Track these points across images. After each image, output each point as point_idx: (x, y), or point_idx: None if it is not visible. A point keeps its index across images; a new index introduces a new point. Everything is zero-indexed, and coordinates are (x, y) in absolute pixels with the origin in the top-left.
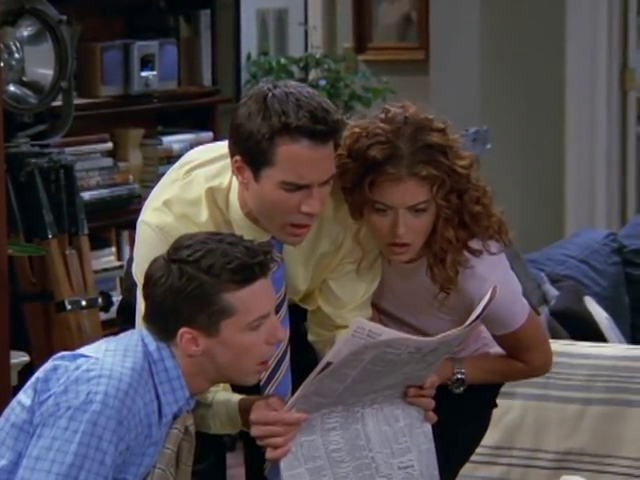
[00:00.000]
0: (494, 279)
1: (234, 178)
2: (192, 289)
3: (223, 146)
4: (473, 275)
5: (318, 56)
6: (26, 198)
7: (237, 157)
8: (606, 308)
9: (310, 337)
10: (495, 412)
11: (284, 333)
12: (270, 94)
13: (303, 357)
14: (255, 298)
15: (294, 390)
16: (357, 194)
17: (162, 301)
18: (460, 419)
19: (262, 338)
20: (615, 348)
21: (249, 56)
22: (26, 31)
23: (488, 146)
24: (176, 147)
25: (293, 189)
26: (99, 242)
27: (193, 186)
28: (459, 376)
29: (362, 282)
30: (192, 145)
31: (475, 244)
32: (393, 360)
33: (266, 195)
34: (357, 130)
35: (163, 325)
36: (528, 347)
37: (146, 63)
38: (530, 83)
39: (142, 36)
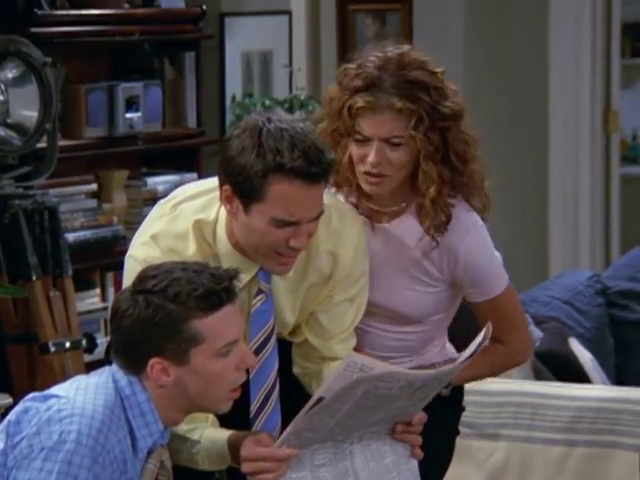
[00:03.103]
0: (476, 234)
1: (221, 211)
2: (160, 319)
3: (208, 182)
4: (455, 227)
5: (303, 97)
6: (10, 240)
7: (227, 187)
8: (590, 349)
9: (295, 370)
10: (480, 453)
11: (254, 359)
12: (265, 129)
13: (292, 390)
14: (223, 324)
15: (283, 423)
16: (340, 125)
17: (130, 333)
18: (425, 448)
19: (232, 364)
20: (600, 389)
21: (234, 98)
22: (11, 73)
23: None
24: (161, 188)
25: (282, 225)
26: (83, 284)
27: (180, 220)
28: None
29: (350, 312)
30: (177, 186)
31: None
32: (385, 395)
33: (254, 228)
34: (347, 65)
35: (132, 357)
36: (507, 323)
37: (131, 105)
38: (513, 122)
39: (127, 78)
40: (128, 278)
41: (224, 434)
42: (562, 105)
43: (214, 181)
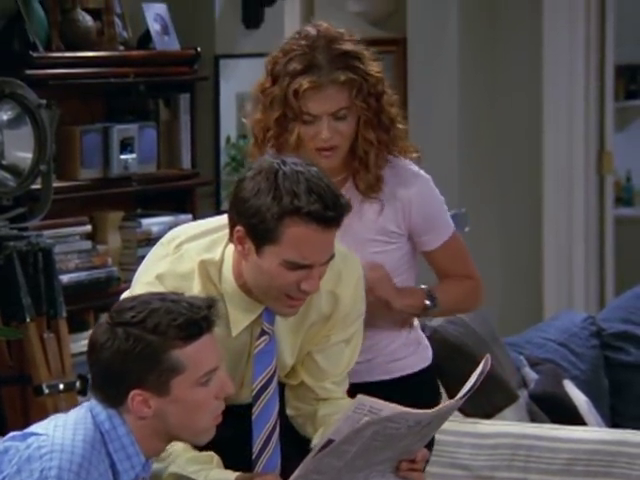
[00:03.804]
0: (423, 181)
1: (227, 251)
2: (140, 350)
3: (209, 222)
4: (403, 178)
5: None
6: (4, 281)
7: (239, 228)
8: (585, 391)
9: (289, 411)
10: None
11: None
12: (281, 171)
13: (293, 431)
14: (203, 353)
15: (283, 464)
16: (287, 110)
17: (110, 365)
18: None
19: (212, 393)
20: (595, 432)
21: (228, 139)
22: (6, 115)
23: (467, 229)
24: (155, 230)
25: (295, 268)
26: (77, 325)
27: (184, 260)
28: (428, 302)
29: (346, 353)
30: (171, 227)
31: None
32: (393, 434)
33: (266, 270)
34: (274, 54)
35: (112, 390)
36: (466, 259)
37: (125, 146)
38: (508, 166)
39: (121, 119)
40: None
41: (230, 476)
42: (556, 146)
43: (215, 221)
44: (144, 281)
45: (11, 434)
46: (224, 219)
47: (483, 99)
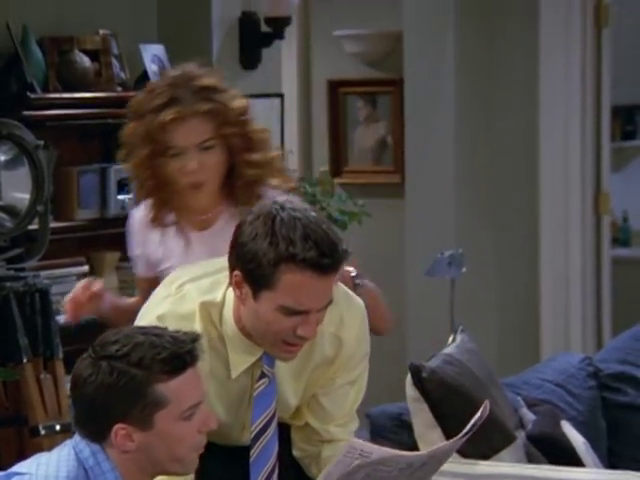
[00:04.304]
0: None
1: (228, 293)
2: (124, 384)
3: (210, 263)
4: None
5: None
6: (1, 322)
7: (237, 272)
8: (583, 432)
9: (295, 453)
10: None
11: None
12: (278, 217)
13: (291, 473)
14: (186, 387)
15: None
16: (154, 146)
17: (93, 399)
18: None
19: (195, 427)
20: (592, 473)
21: None
22: (3, 156)
23: (463, 270)
24: None
25: (291, 314)
26: (74, 366)
27: (186, 301)
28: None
29: (351, 395)
30: None
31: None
32: (384, 477)
33: (262, 315)
34: (138, 97)
35: (96, 425)
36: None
37: (122, 186)
38: (504, 207)
39: (118, 160)
40: None
41: None
42: (553, 187)
43: (217, 262)
44: (145, 322)
45: None
46: (223, 260)
47: (479, 141)
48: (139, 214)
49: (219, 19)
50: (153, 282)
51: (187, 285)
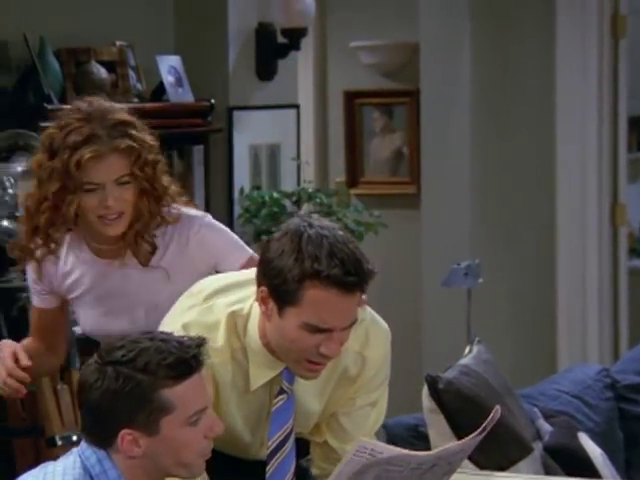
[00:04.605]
0: (194, 222)
1: (254, 307)
2: (130, 389)
3: (237, 275)
4: (179, 237)
5: (310, 190)
6: (17, 332)
7: (263, 288)
8: (600, 444)
9: (314, 471)
10: None
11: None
12: (306, 234)
13: None
14: (192, 392)
15: None
16: (67, 182)
17: (99, 405)
18: None
19: (201, 433)
20: None
21: (242, 190)
22: (20, 167)
23: (480, 280)
24: None
25: (314, 331)
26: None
27: (213, 312)
28: None
29: (372, 417)
30: None
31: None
32: (395, 478)
33: (287, 331)
34: (50, 131)
35: (102, 430)
36: None
37: None
38: (521, 217)
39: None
40: None
41: None
42: (570, 198)
43: (242, 274)
44: (169, 330)
45: None
46: (250, 273)
47: (496, 150)
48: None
49: (235, 30)
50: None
51: (214, 298)
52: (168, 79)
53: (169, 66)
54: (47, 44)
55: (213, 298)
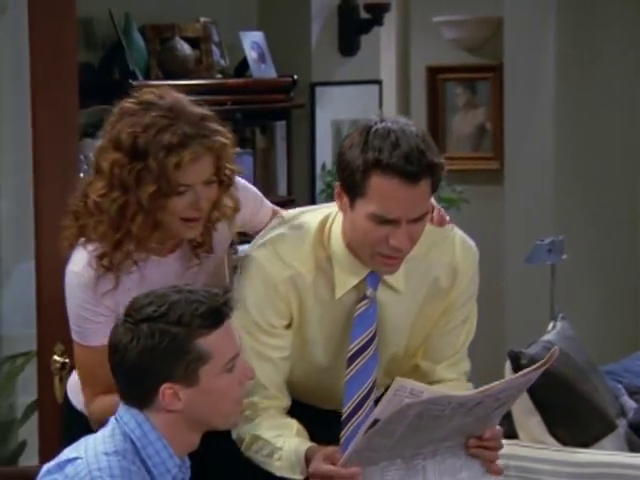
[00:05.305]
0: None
1: (339, 213)
2: (167, 344)
3: (320, 206)
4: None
5: None
6: None
7: (337, 183)
8: None
9: None
10: None
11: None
12: (374, 128)
13: None
14: (226, 339)
15: None
16: (162, 184)
17: (137, 364)
18: None
19: (236, 379)
20: None
21: (324, 166)
22: None
23: (564, 256)
24: None
25: (381, 222)
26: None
27: (301, 225)
28: None
29: (462, 333)
30: None
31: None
32: (438, 415)
33: (357, 223)
34: (129, 129)
35: (141, 389)
36: None
37: None
38: (605, 192)
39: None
40: (253, 277)
41: (304, 446)
42: None
43: (326, 205)
44: (258, 244)
45: (45, 468)
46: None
47: (580, 125)
48: (85, 271)
49: (319, 6)
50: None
51: (302, 215)
52: (251, 55)
53: (252, 42)
54: (132, 21)
55: (300, 216)
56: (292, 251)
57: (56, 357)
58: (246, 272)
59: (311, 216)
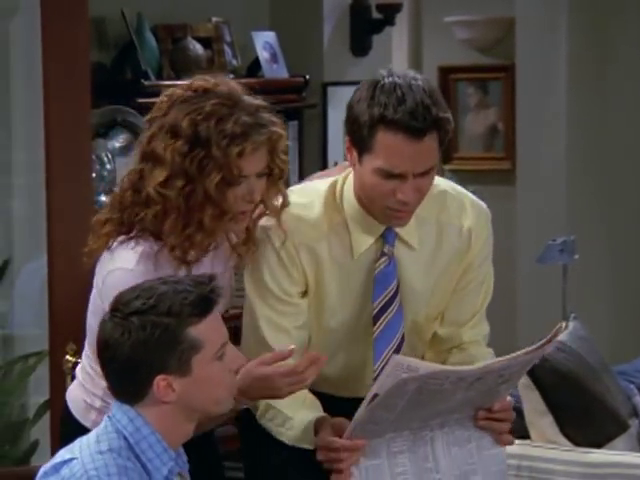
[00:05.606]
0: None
1: (350, 175)
2: (159, 335)
3: (326, 171)
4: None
5: None
6: None
7: (347, 138)
8: None
9: None
10: None
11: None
12: (381, 83)
13: None
14: (215, 327)
15: None
16: (225, 174)
17: (131, 358)
18: None
19: (227, 366)
20: None
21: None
22: (117, 142)
23: (576, 256)
24: None
25: (388, 176)
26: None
27: (307, 191)
28: None
29: (481, 294)
30: None
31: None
32: (438, 390)
33: (366, 178)
34: (187, 118)
35: (135, 383)
36: None
37: None
38: (617, 192)
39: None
40: (266, 246)
41: (314, 416)
42: None
43: (331, 172)
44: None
45: (42, 470)
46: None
47: (592, 125)
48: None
49: (330, 6)
50: None
51: (309, 183)
52: (263, 55)
53: (264, 42)
54: (144, 20)
55: (308, 185)
56: (303, 218)
57: (68, 357)
58: (259, 242)
59: (318, 183)
